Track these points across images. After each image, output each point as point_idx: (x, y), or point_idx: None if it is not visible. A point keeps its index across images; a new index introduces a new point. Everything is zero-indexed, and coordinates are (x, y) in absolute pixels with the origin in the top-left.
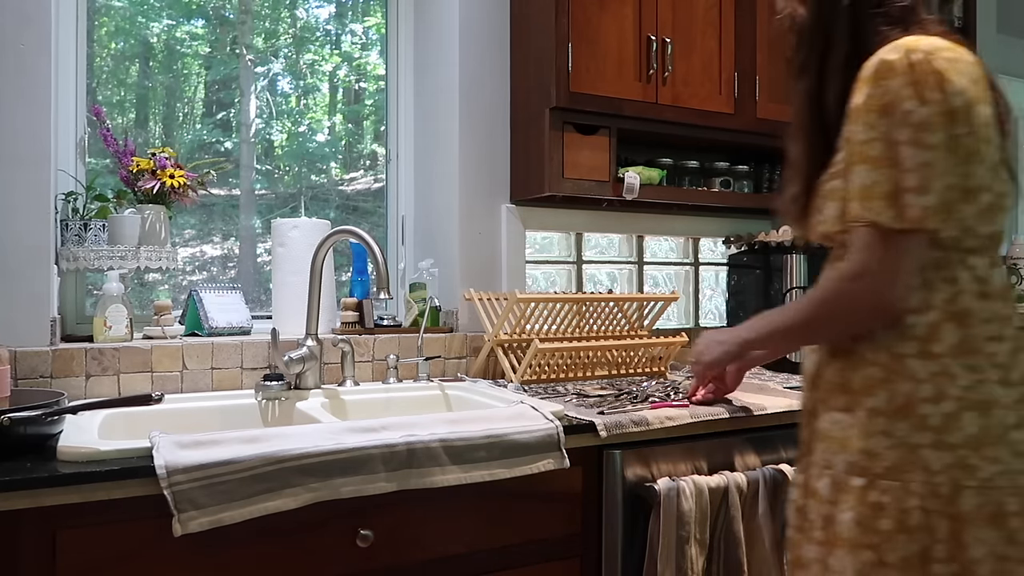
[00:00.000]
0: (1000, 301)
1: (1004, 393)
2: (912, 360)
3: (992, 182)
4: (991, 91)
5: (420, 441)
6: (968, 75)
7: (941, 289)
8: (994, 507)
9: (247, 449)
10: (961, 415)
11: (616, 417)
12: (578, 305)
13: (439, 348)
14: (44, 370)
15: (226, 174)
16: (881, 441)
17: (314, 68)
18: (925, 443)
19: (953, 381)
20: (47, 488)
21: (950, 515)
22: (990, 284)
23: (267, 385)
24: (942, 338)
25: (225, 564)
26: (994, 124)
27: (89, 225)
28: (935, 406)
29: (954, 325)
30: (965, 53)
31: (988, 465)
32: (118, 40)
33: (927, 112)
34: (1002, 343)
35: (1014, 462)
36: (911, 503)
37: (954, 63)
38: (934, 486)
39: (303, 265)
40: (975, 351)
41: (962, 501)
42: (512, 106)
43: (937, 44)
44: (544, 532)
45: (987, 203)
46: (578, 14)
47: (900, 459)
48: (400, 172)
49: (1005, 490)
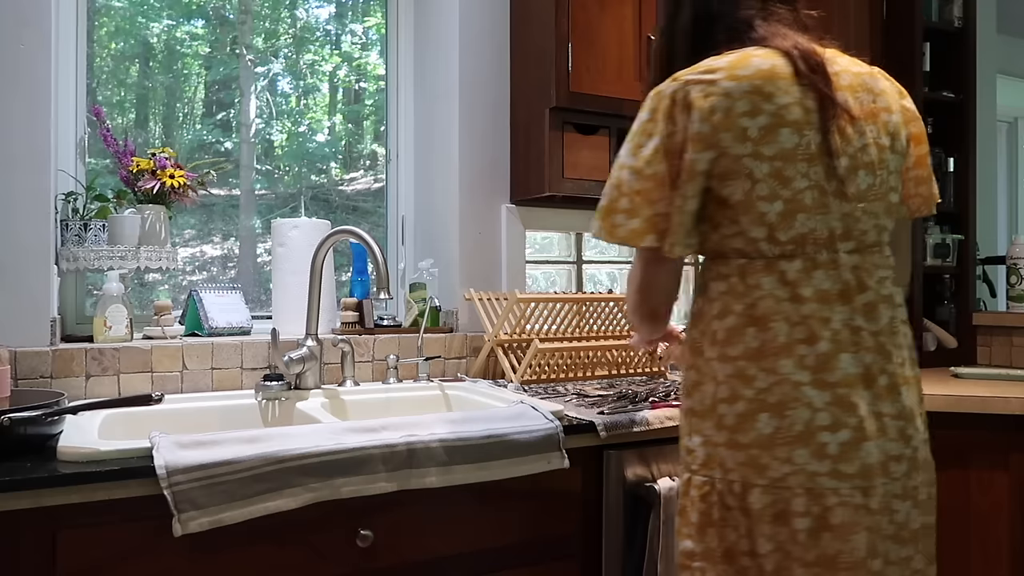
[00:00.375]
0: (817, 304)
1: (816, 394)
2: (714, 363)
3: (778, 189)
4: (812, 91)
5: (420, 441)
6: (735, 92)
7: (743, 295)
8: (783, 505)
9: (247, 449)
10: (754, 416)
11: (616, 417)
12: (578, 305)
13: (439, 348)
14: (44, 370)
15: (226, 174)
16: (695, 439)
17: (314, 68)
18: (721, 442)
19: (749, 383)
20: (47, 488)
21: (743, 511)
22: (802, 287)
23: (267, 385)
24: (739, 341)
25: (225, 564)
26: (788, 127)
27: (89, 225)
28: (730, 407)
29: (755, 329)
30: (749, 66)
31: (780, 465)
32: (118, 40)
33: (653, 144)
34: (814, 345)
35: (813, 463)
36: (713, 498)
37: (712, 88)
38: (729, 483)
39: (303, 265)
40: (775, 354)
41: (752, 499)
42: (512, 106)
43: (708, 67)
44: (544, 532)
45: (778, 210)
46: (578, 14)
47: (707, 456)
48: (400, 172)
49: (795, 490)
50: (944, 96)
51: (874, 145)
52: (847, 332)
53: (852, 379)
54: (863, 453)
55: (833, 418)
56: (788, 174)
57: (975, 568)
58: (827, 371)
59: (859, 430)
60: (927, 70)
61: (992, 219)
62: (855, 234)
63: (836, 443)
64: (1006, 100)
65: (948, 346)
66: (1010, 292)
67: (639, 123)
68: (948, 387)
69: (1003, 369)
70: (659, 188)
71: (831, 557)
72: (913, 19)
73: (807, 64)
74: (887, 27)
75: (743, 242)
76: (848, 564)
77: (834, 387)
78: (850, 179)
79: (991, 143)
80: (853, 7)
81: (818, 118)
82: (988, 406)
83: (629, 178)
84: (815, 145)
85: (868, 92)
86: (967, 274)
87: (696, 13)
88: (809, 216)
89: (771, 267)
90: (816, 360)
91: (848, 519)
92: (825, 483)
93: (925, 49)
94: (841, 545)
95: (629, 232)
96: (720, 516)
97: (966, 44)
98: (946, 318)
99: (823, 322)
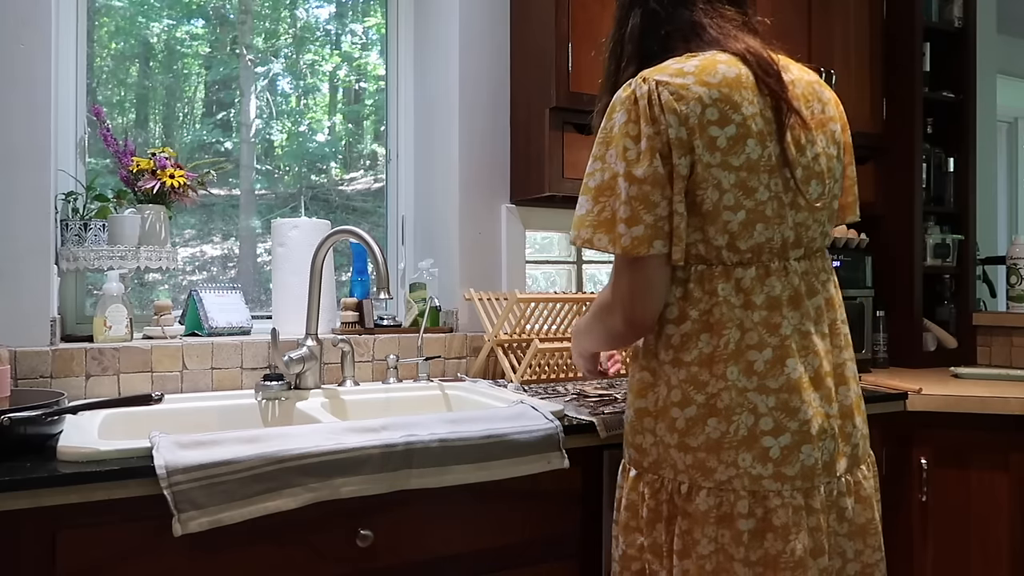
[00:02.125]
0: (767, 311)
1: (761, 400)
2: (668, 367)
3: (742, 199)
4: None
5: (420, 441)
6: (705, 98)
7: (699, 300)
8: (727, 508)
9: (247, 449)
10: (704, 420)
11: (616, 417)
12: (578, 305)
13: (439, 348)
14: (44, 370)
15: (226, 174)
16: (648, 438)
17: (314, 68)
18: (673, 444)
19: (700, 388)
20: (47, 488)
21: (687, 512)
22: (755, 294)
23: (267, 385)
24: (693, 347)
25: (225, 564)
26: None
27: (89, 225)
28: (681, 411)
29: (708, 335)
30: (717, 70)
31: (725, 468)
32: (118, 40)
33: (641, 147)
34: (763, 351)
35: (757, 466)
36: (663, 496)
37: (684, 91)
38: (678, 483)
39: (303, 265)
40: (725, 360)
41: (698, 500)
42: (512, 106)
43: (682, 68)
44: (544, 532)
45: (740, 220)
46: (578, 14)
47: (659, 456)
48: (400, 172)
49: (739, 493)
50: (944, 96)
51: (823, 155)
52: (796, 336)
53: (797, 383)
54: (803, 456)
55: (775, 422)
56: (752, 185)
57: (975, 568)
58: (771, 377)
59: (800, 434)
60: (927, 70)
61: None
62: (804, 241)
63: (778, 447)
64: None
65: (948, 346)
66: (1010, 292)
67: (618, 125)
68: (948, 387)
69: (1003, 369)
70: (658, 190)
71: (773, 557)
72: (913, 19)
73: (765, 72)
74: (887, 27)
75: (705, 249)
76: (789, 564)
77: (777, 392)
78: (804, 189)
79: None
80: (853, 7)
81: (775, 129)
82: (988, 406)
83: (624, 184)
84: (775, 157)
85: (818, 101)
86: (967, 274)
87: (644, 16)
88: (767, 226)
89: (728, 274)
90: (763, 365)
91: (789, 520)
92: (768, 485)
93: (925, 49)
94: (783, 545)
95: (633, 240)
96: (668, 514)
97: (966, 44)
98: (946, 318)
99: (773, 328)
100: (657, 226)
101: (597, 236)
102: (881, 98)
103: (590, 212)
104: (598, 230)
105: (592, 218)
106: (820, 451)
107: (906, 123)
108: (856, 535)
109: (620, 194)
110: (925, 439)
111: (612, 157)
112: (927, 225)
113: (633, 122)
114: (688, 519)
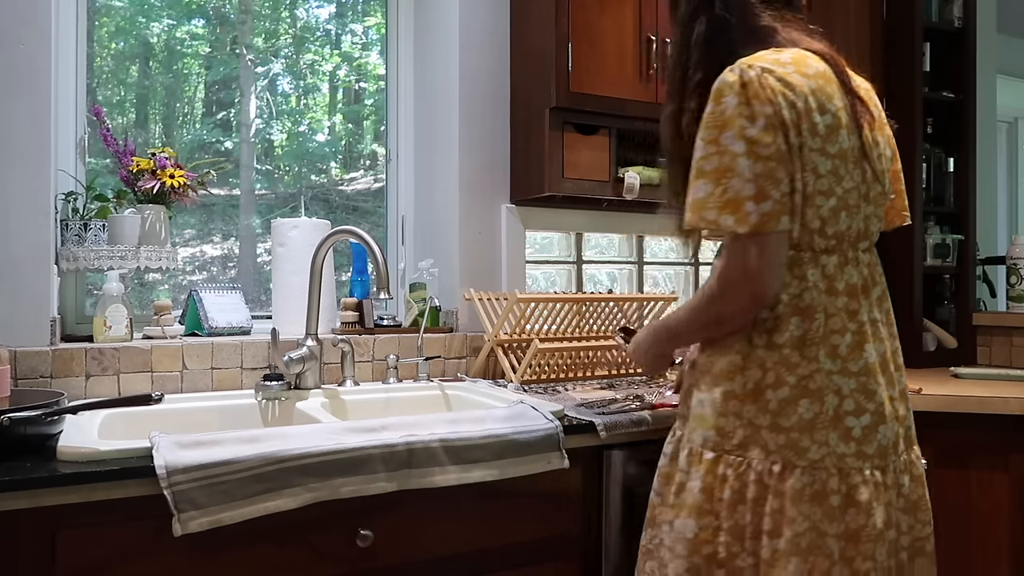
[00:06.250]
0: (847, 297)
1: (844, 382)
2: (761, 350)
3: (834, 186)
4: (847, 96)
5: (420, 441)
6: (806, 87)
7: (791, 285)
8: (819, 486)
9: (247, 449)
10: (796, 401)
11: (616, 417)
12: (578, 305)
13: (439, 348)
14: (44, 370)
15: (226, 174)
16: (732, 421)
17: (314, 68)
18: (765, 425)
19: (792, 370)
20: (47, 488)
21: (778, 492)
22: (838, 281)
23: (267, 385)
24: (784, 330)
25: (225, 564)
26: (844, 128)
27: (89, 225)
28: (774, 392)
29: (799, 319)
30: (809, 64)
31: (818, 448)
32: (118, 40)
33: (760, 125)
34: (845, 336)
35: (841, 445)
36: (750, 478)
37: (788, 77)
38: (769, 464)
39: (303, 265)
40: (816, 343)
41: (792, 479)
42: (512, 106)
43: (779, 59)
44: (544, 532)
45: (831, 206)
46: (578, 14)
47: (746, 438)
48: (400, 172)
49: (830, 471)
50: (944, 96)
51: (883, 155)
52: (869, 323)
53: (873, 367)
54: (879, 435)
55: (856, 404)
56: (841, 173)
57: (975, 568)
58: (852, 360)
59: (876, 415)
60: (927, 70)
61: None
62: (869, 234)
63: (859, 427)
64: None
65: (948, 346)
66: (1010, 292)
67: (731, 108)
68: (948, 387)
69: (1003, 369)
70: (782, 166)
71: (855, 531)
72: (913, 19)
73: (840, 71)
74: (887, 27)
75: (800, 233)
76: (871, 536)
77: (857, 375)
78: (872, 184)
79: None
80: (853, 7)
81: (855, 124)
82: (988, 406)
83: (747, 162)
84: (856, 149)
85: (874, 106)
86: (967, 274)
87: (711, 23)
88: (848, 214)
89: (816, 260)
90: (845, 349)
91: (871, 496)
92: (851, 463)
93: (925, 49)
94: (865, 519)
95: (762, 217)
96: (754, 495)
97: (966, 44)
98: (946, 318)
99: (852, 314)
100: (782, 202)
101: (723, 216)
102: (881, 98)
103: (711, 194)
104: (723, 211)
105: (715, 199)
106: (891, 431)
107: (906, 123)
108: (910, 510)
109: (743, 173)
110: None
111: (729, 139)
112: (927, 225)
113: (746, 104)
114: (780, 498)
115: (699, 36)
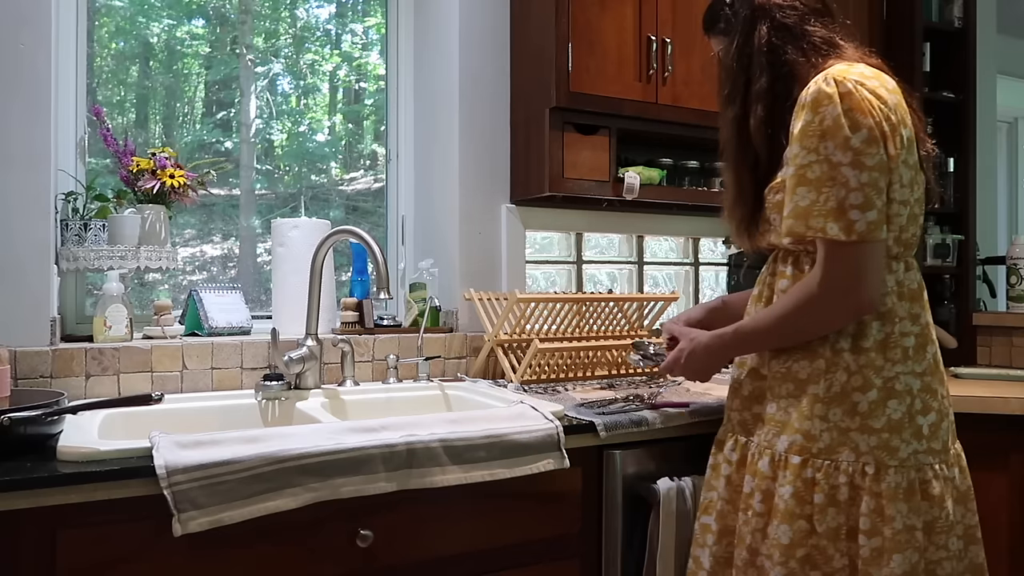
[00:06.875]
0: (910, 301)
1: (913, 382)
2: (847, 354)
3: (908, 196)
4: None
5: (420, 441)
6: (891, 101)
7: None
8: (908, 483)
9: (247, 449)
10: (884, 402)
11: (616, 417)
12: (578, 305)
13: (439, 348)
14: (44, 370)
15: (226, 174)
16: (818, 424)
17: (314, 68)
18: (854, 427)
19: (878, 372)
20: (47, 488)
21: (874, 492)
22: (906, 285)
23: (267, 385)
24: (868, 334)
25: (225, 564)
26: (915, 142)
27: (89, 225)
28: (863, 394)
29: (879, 323)
30: (886, 79)
31: (905, 446)
32: (118, 40)
33: (863, 136)
34: (911, 338)
35: (917, 443)
36: (840, 480)
37: (878, 91)
38: (861, 465)
39: (303, 265)
40: (894, 345)
41: (888, 479)
42: (512, 106)
43: (864, 72)
44: (544, 532)
45: (906, 215)
46: (578, 14)
47: (833, 441)
48: (400, 172)
49: (914, 467)
50: (944, 96)
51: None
52: (927, 326)
53: (933, 367)
54: (942, 432)
55: (923, 403)
56: (914, 184)
57: None
58: (916, 361)
59: (939, 412)
60: (927, 70)
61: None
62: (916, 243)
63: (927, 425)
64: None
65: (948, 346)
66: (1010, 292)
67: (830, 118)
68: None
69: (1003, 369)
70: (884, 177)
71: (929, 523)
72: (913, 19)
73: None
74: (887, 27)
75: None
76: (944, 527)
77: (922, 375)
78: (923, 196)
79: (991, 143)
80: (853, 7)
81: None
82: (988, 406)
83: (853, 172)
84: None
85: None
86: (967, 274)
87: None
88: (914, 223)
89: (891, 266)
90: (912, 351)
91: (942, 489)
92: (923, 459)
93: (925, 49)
94: (939, 511)
95: (869, 225)
96: (846, 497)
97: (966, 44)
98: (946, 318)
99: (914, 317)
100: (884, 211)
101: (829, 224)
102: None
103: (815, 202)
104: (828, 218)
105: (820, 207)
106: (948, 427)
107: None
108: (961, 500)
109: (848, 182)
110: None
111: (830, 148)
112: (927, 225)
113: (848, 114)
114: (876, 498)
115: (762, 42)
